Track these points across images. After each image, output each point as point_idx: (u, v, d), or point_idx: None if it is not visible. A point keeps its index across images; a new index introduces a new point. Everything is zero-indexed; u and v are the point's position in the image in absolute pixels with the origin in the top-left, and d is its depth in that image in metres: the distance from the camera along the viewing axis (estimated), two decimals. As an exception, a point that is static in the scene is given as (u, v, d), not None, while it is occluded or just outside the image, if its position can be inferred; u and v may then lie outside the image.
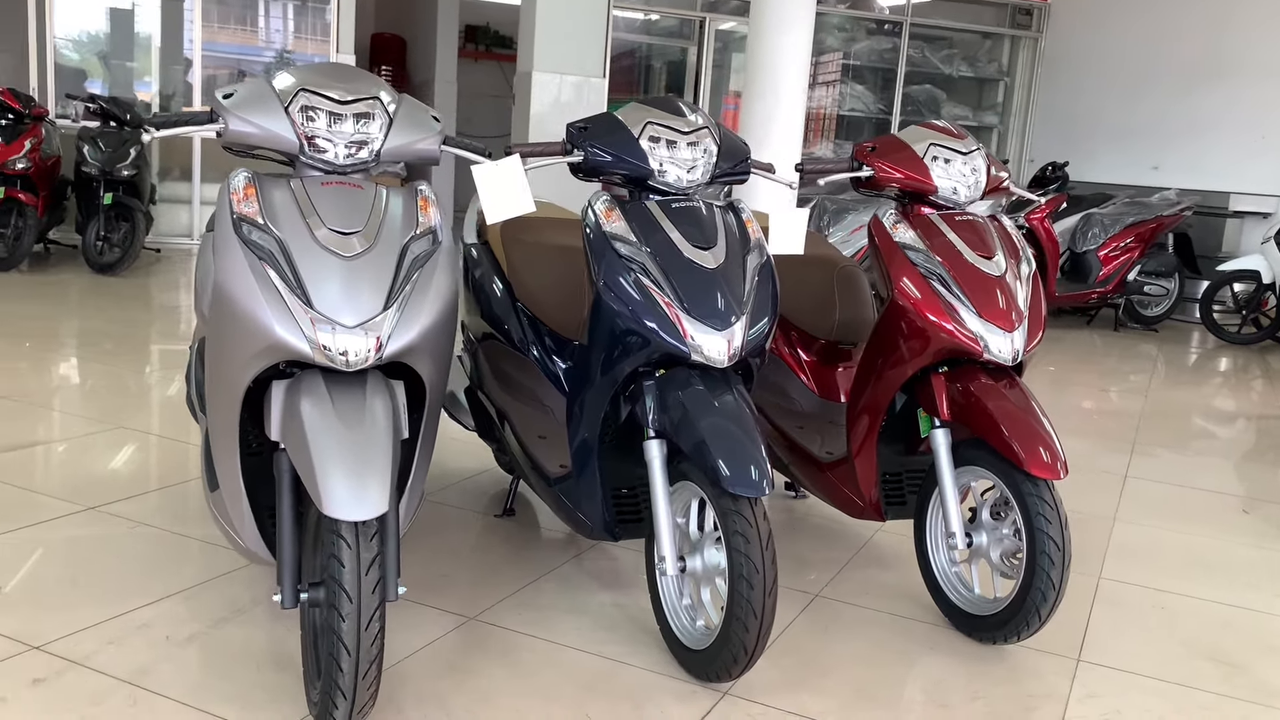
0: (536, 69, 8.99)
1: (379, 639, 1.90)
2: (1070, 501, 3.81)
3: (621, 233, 2.38)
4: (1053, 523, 2.45)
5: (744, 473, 2.18)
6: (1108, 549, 3.38)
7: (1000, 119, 10.85)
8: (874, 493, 2.83)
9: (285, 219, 2.06)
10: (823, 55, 10.38)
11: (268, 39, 10.13)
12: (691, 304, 2.31)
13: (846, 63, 10.38)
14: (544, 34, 8.99)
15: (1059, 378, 6.22)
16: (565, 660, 2.41)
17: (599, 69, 9.24)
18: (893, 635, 2.66)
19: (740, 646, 2.20)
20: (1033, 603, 2.47)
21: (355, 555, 1.89)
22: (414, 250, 2.12)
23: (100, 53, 10.62)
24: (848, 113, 10.37)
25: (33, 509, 3.03)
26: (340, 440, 1.93)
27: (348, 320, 1.99)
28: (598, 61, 9.24)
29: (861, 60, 10.38)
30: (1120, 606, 2.95)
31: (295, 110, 2.15)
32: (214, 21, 9.60)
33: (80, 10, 9.36)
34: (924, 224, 2.71)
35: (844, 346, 3.22)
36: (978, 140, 2.87)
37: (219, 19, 9.78)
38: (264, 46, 10.08)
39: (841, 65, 10.37)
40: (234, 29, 10.14)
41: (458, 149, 2.38)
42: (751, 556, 2.17)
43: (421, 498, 2.43)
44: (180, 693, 2.14)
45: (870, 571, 3.05)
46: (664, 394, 2.34)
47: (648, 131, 2.45)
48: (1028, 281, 2.70)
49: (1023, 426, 2.49)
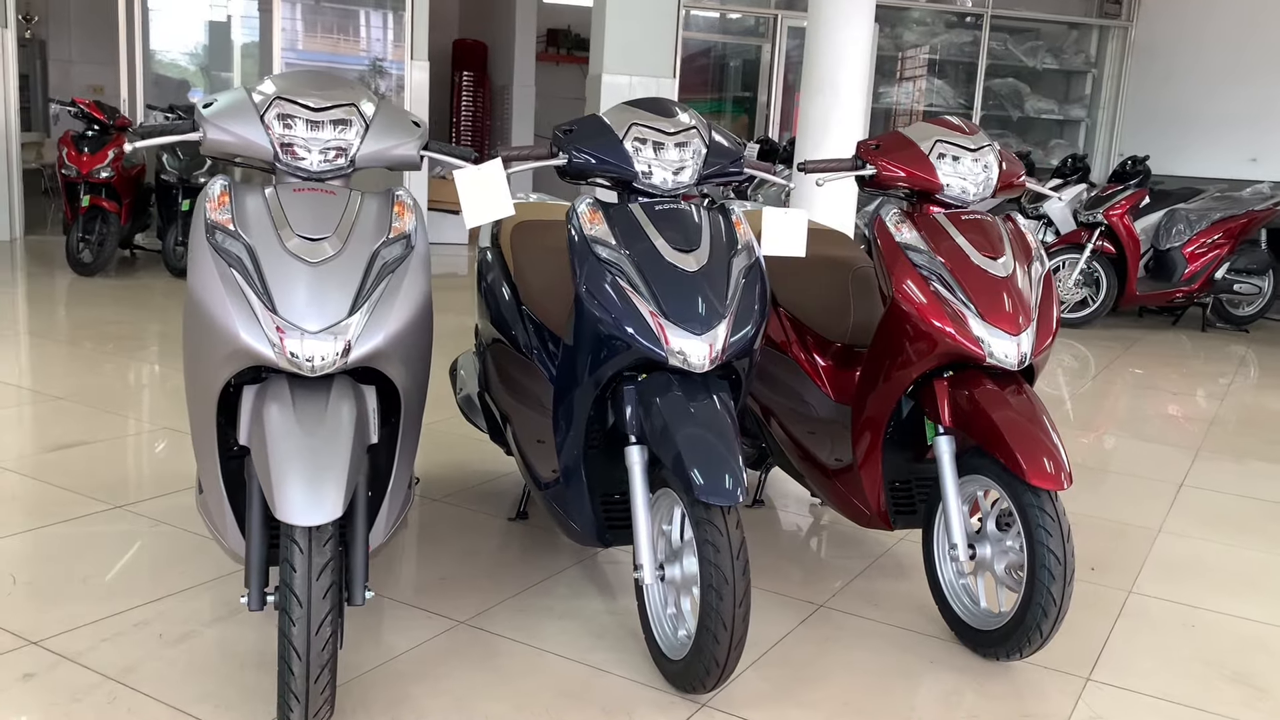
0: (606, 71, 9.01)
1: (330, 644, 1.91)
2: (1115, 510, 3.66)
3: (603, 236, 2.35)
4: (1054, 535, 2.35)
5: (717, 481, 2.14)
6: (1145, 561, 3.23)
7: (1087, 112, 10.49)
8: (880, 501, 2.75)
9: (255, 225, 2.09)
10: (902, 50, 10.17)
11: (366, 47, 10.31)
12: (670, 308, 2.27)
13: (927, 57, 10.16)
14: (614, 35, 9.00)
15: (1142, 381, 5.98)
16: (546, 667, 2.39)
17: (669, 69, 9.22)
18: (894, 649, 2.58)
19: (711, 659, 2.16)
20: (1033, 619, 2.37)
21: (307, 560, 1.90)
22: (385, 255, 2.13)
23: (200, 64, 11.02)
24: (927, 108, 10.14)
25: (64, 506, 3.13)
26: (299, 445, 1.94)
27: (311, 325, 2.00)
28: (668, 62, 9.21)
29: (941, 54, 10.14)
30: (1146, 622, 2.81)
31: (271, 118, 2.18)
32: (310, 31, 9.84)
33: (180, 23, 9.69)
34: (928, 224, 2.62)
35: (859, 350, 3.13)
36: (989, 136, 2.76)
37: (309, 29, 10.01)
38: (349, 54, 10.28)
39: (919, 60, 10.15)
40: (324, 37, 10.36)
41: (440, 154, 2.39)
42: (721, 567, 2.12)
43: (408, 502, 2.44)
44: (159, 691, 2.19)
45: (883, 582, 2.97)
46: (643, 399, 2.31)
47: (633, 133, 2.42)
48: (1039, 283, 2.59)
49: (1026, 435, 2.39)
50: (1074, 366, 6.34)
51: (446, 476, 3.60)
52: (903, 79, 10.32)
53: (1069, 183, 7.83)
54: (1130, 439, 4.69)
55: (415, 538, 3.08)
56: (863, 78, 6.14)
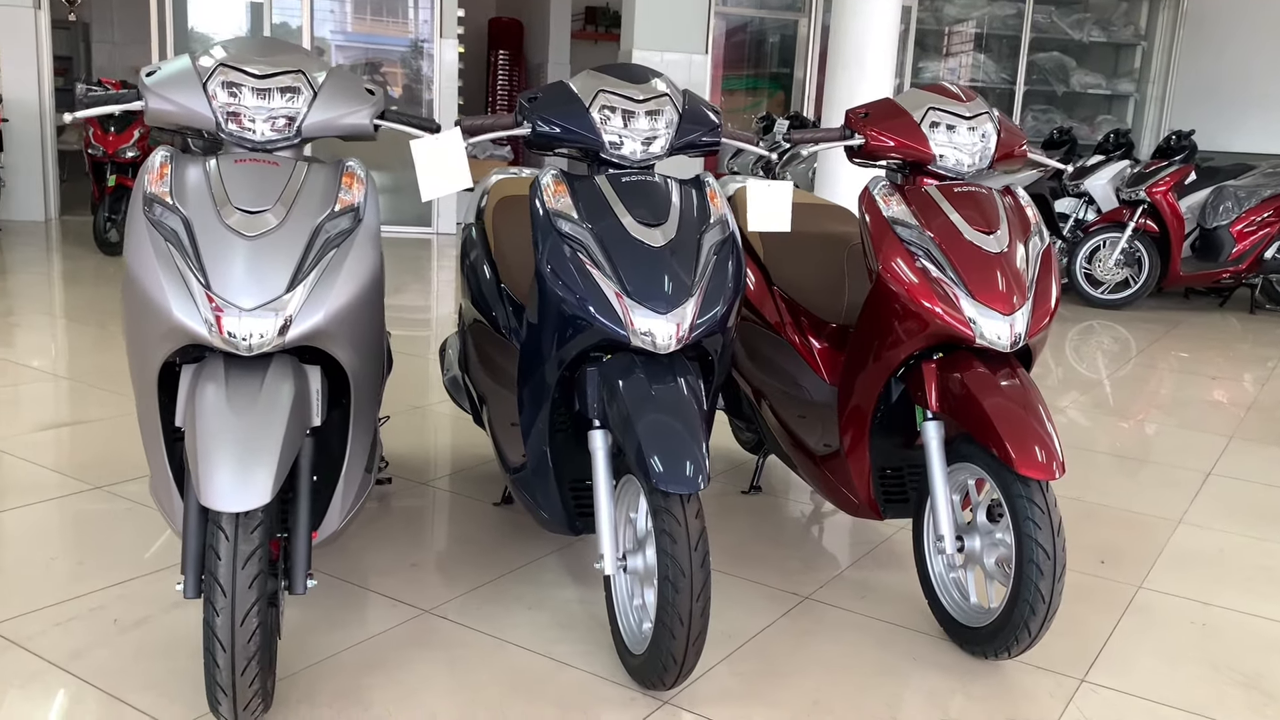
0: (637, 47, 8.87)
1: (258, 635, 1.82)
2: (1135, 499, 3.48)
3: (565, 209, 2.23)
4: (1043, 528, 2.20)
5: (677, 469, 2.02)
6: (1160, 554, 3.06)
7: (1136, 86, 10.15)
8: (869, 489, 2.61)
9: (194, 198, 2.00)
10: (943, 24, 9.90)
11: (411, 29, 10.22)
12: (634, 286, 2.15)
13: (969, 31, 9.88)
14: (645, 11, 8.86)
15: (1182, 364, 5.75)
16: (505, 659, 2.29)
17: (702, 45, 9.06)
18: (876, 645, 2.45)
19: (669, 655, 2.05)
20: (1021, 616, 2.23)
21: (232, 548, 1.81)
22: (329, 229, 2.04)
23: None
24: (968, 83, 9.86)
25: (45, 486, 3.09)
26: (228, 428, 1.86)
27: (245, 302, 1.92)
28: (700, 38, 9.05)
29: (984, 28, 9.86)
30: (1153, 619, 2.65)
31: (214, 86, 2.09)
32: (347, 12, 9.78)
33: (219, 5, 9.65)
34: (919, 197, 2.47)
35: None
36: (988, 103, 2.60)
37: (345, 9, 9.96)
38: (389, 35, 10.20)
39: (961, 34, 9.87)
40: (361, 19, 10.29)
41: (397, 124, 2.29)
42: (678, 558, 2.00)
43: (366, 487, 2.36)
44: (102, 679, 2.12)
45: (875, 573, 2.83)
46: (606, 381, 2.20)
47: (600, 101, 2.30)
48: (1036, 259, 2.43)
49: (1016, 421, 2.24)
50: (1113, 349, 6.11)
51: (437, 459, 3.51)
52: (944, 54, 10.04)
53: (1111, 159, 7.56)
54: (1162, 424, 4.49)
55: (393, 522, 2.99)
56: (889, 52, 5.96)
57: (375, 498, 3.15)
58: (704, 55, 9.03)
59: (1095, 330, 6.65)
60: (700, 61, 9.03)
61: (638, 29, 8.87)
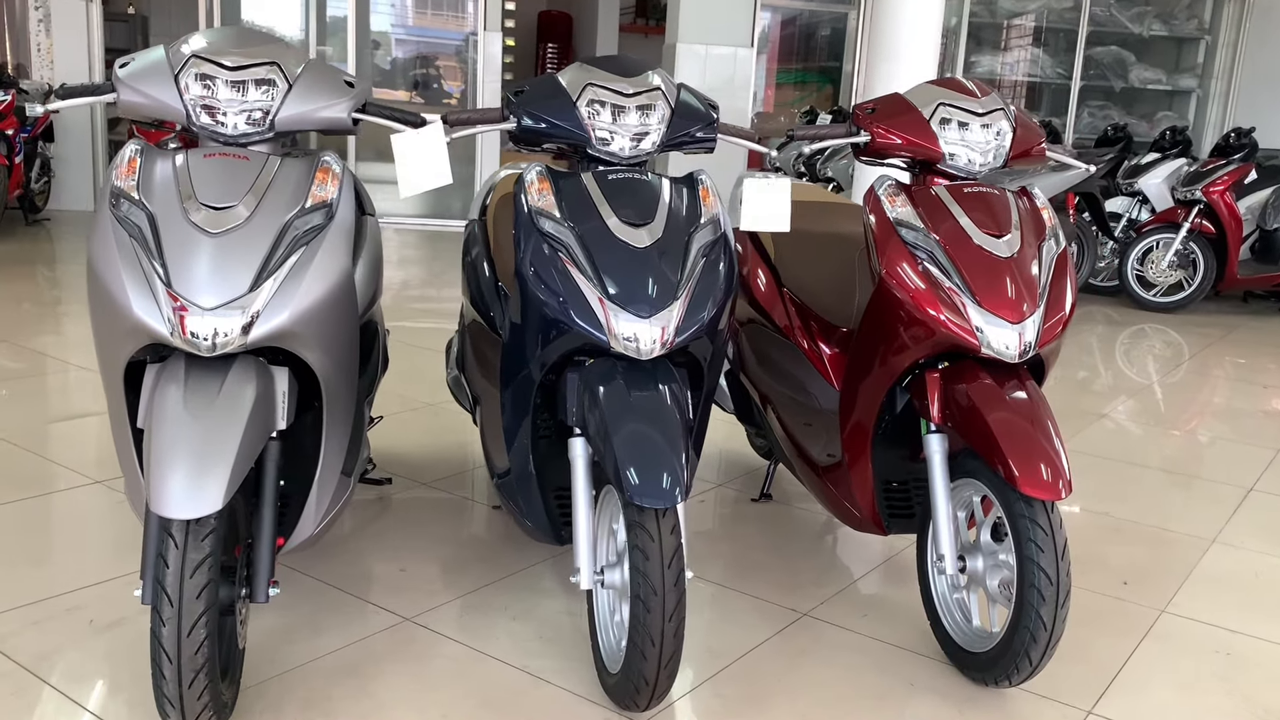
0: (681, 40, 8.75)
1: (206, 646, 1.76)
2: (1168, 516, 3.32)
3: (548, 208, 2.15)
4: (1046, 551, 2.07)
5: (653, 481, 1.92)
6: (1189, 576, 2.90)
7: (1199, 82, 9.81)
8: (872, 502, 2.50)
9: (160, 194, 1.95)
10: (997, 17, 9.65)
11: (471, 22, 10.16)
12: (615, 288, 2.06)
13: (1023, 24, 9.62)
14: (690, 3, 8.73)
15: (1234, 372, 5.52)
16: (481, 672, 2.22)
17: (747, 38, 8.91)
18: (873, 667, 2.34)
19: (640, 676, 1.95)
20: (1021, 644, 2.10)
21: (181, 556, 1.75)
22: (299, 226, 1.97)
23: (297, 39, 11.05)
24: (1022, 79, 9.61)
25: (48, 479, 3.08)
26: (182, 432, 1.80)
27: (206, 301, 1.86)
28: (746, 30, 8.91)
29: (1039, 21, 9.59)
30: (1173, 646, 2.50)
31: (187, 78, 2.04)
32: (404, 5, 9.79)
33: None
34: (926, 198, 2.34)
35: (867, 335, 2.87)
36: (1004, 99, 2.47)
37: (416, 4, 9.96)
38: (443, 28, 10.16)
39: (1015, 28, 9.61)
40: (429, 14, 10.28)
41: (379, 117, 2.22)
42: (650, 576, 1.91)
43: (345, 492, 2.30)
44: (67, 683, 2.08)
45: (882, 590, 2.71)
46: (588, 387, 2.11)
47: (588, 95, 2.21)
48: (1050, 264, 2.30)
49: (1020, 437, 2.11)
50: (1164, 354, 5.90)
51: (442, 459, 3.45)
52: (997, 48, 9.79)
53: (1167, 157, 7.29)
54: (1208, 435, 4.30)
55: (388, 524, 2.93)
56: (930, 45, 5.79)
57: (375, 498, 3.10)
58: (749, 49, 8.89)
59: (1146, 334, 6.43)
60: (745, 55, 8.88)
61: (682, 22, 8.75)
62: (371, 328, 2.88)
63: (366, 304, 2.78)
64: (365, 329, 2.83)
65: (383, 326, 2.99)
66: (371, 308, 2.82)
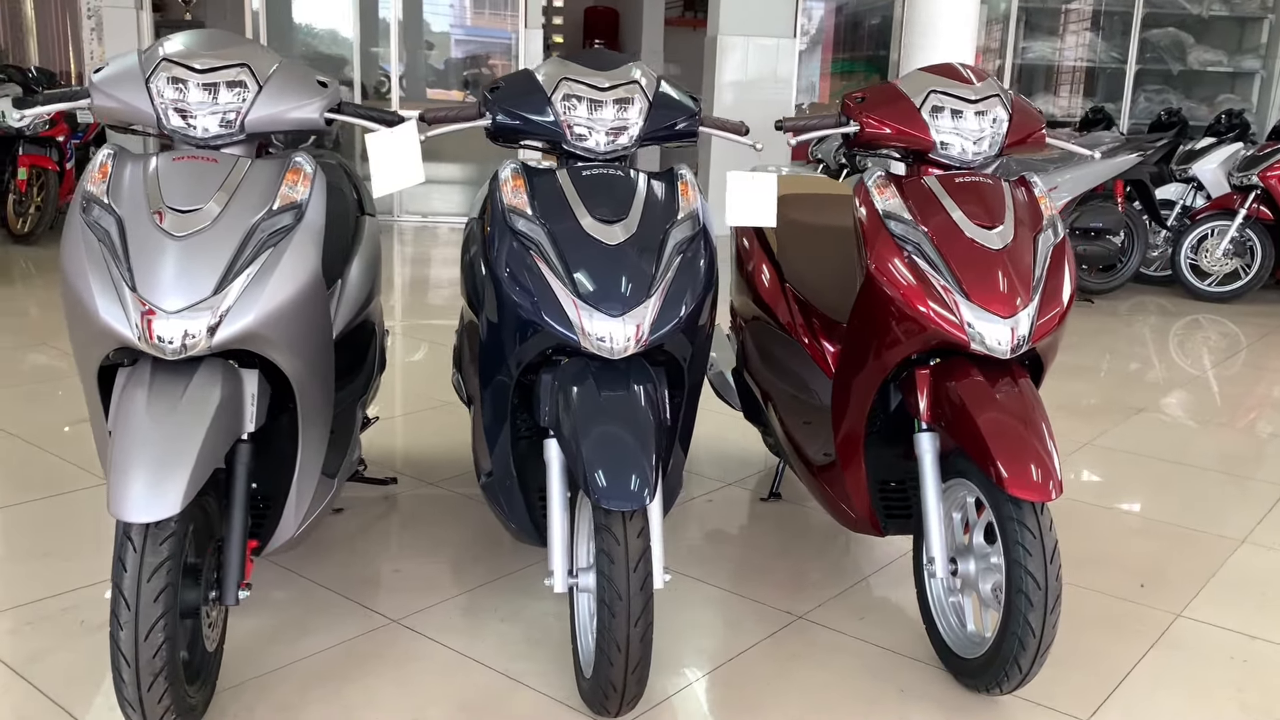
0: (722, 32, 8.67)
1: (164, 650, 1.76)
2: (1196, 515, 3.19)
3: (521, 206, 2.11)
4: (1034, 555, 1.99)
5: (621, 483, 1.89)
6: (1212, 578, 2.78)
7: (1263, 63, 9.46)
8: (867, 503, 2.43)
9: (128, 198, 1.96)
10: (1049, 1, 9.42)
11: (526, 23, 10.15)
12: (586, 287, 2.02)
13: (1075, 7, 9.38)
14: (731, -7, 8.63)
15: None
16: (462, 676, 2.20)
17: (789, 29, 8.80)
18: (865, 672, 2.27)
19: (608, 682, 1.92)
20: (1009, 651, 2.03)
21: (139, 559, 1.76)
22: (266, 228, 1.96)
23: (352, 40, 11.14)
24: (1075, 63, 9.37)
25: (62, 480, 3.13)
26: (142, 436, 1.80)
27: (170, 304, 1.85)
28: (788, 21, 8.80)
29: (1093, 4, 9.34)
30: (1185, 652, 2.40)
31: (158, 82, 2.04)
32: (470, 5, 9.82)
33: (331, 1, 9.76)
34: (916, 189, 2.27)
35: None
36: (999, 84, 2.38)
37: (474, 3, 9.99)
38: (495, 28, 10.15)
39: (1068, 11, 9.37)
40: (486, 13, 10.31)
41: (353, 117, 2.21)
42: (615, 580, 1.87)
43: (327, 493, 2.30)
44: (53, 685, 2.10)
45: (884, 592, 2.64)
46: (561, 387, 2.07)
47: (563, 90, 2.18)
48: (1046, 256, 2.21)
49: (1009, 436, 2.04)
50: (1219, 345, 5.70)
51: (451, 459, 3.44)
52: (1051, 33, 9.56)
53: (1223, 141, 7.05)
54: (1256, 431, 4.13)
55: (389, 524, 2.93)
56: (967, 33, 5.65)
57: (380, 497, 3.10)
58: (791, 39, 8.78)
59: (1200, 325, 6.22)
60: (788, 46, 8.77)
61: (723, 13, 8.67)
62: (368, 327, 2.88)
63: (362, 303, 2.79)
64: (361, 329, 2.83)
65: (381, 326, 2.99)
66: (368, 307, 2.82)
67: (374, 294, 2.86)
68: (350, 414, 2.64)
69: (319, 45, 9.91)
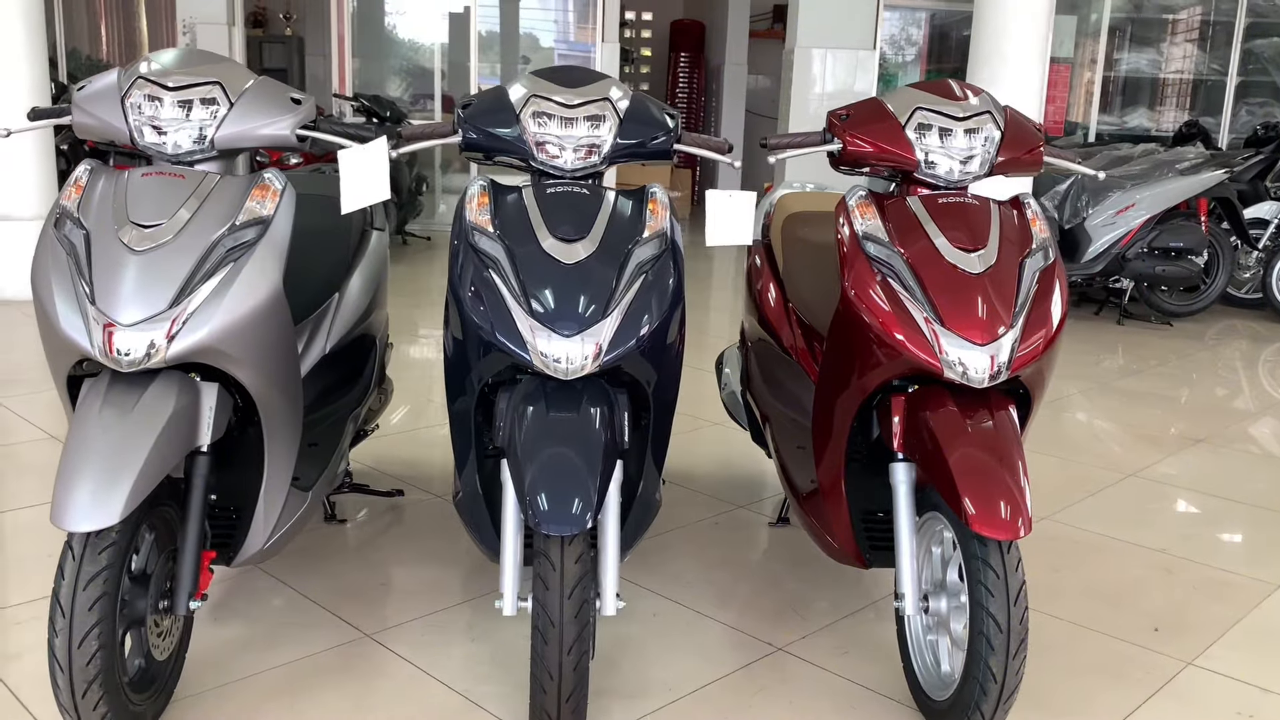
0: (800, 44, 8.57)
1: (99, 658, 1.79)
2: (1234, 557, 3.01)
3: (483, 224, 2.10)
4: (996, 596, 1.89)
5: (562, 508, 1.85)
6: (1235, 625, 2.61)
7: (1376, 75, 8.97)
8: (849, 533, 2.34)
9: (96, 213, 2.00)
10: (1141, 11, 9.08)
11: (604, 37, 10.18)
12: (542, 305, 1.99)
13: (1173, 18, 9.02)
14: (809, 5, 8.54)
15: (1359, 393, 5.01)
16: (421, 695, 2.18)
17: (869, 41, 8.66)
18: (833, 711, 2.19)
19: (542, 710, 1.88)
20: (970, 696, 1.93)
21: (76, 568, 1.79)
22: (227, 243, 1.99)
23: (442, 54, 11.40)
24: (1171, 75, 9.00)
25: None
26: (91, 446, 1.83)
27: (126, 317, 1.89)
28: (868, 32, 8.65)
29: (1190, 14, 8.97)
30: (1188, 705, 2.25)
31: (133, 99, 2.09)
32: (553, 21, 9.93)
33: (424, 15, 9.99)
34: (897, 210, 2.19)
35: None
36: (994, 101, 2.28)
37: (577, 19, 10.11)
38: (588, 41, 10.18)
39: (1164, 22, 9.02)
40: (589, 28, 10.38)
41: (326, 134, 2.22)
42: (548, 606, 1.84)
43: (301, 506, 2.31)
44: (27, 689, 2.15)
45: (872, 626, 2.54)
46: (515, 408, 2.04)
47: (531, 107, 2.16)
48: (1033, 279, 2.10)
49: (978, 470, 1.94)
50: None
51: (465, 472, 3.44)
52: (1145, 44, 9.21)
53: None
54: None
55: (387, 538, 2.94)
56: (1038, 45, 5.47)
57: (387, 508, 3.12)
58: (870, 50, 8.63)
59: (1267, 356, 5.89)
60: (867, 58, 8.63)
61: (801, 25, 8.58)
62: (368, 341, 2.89)
63: (361, 316, 2.81)
64: (359, 341, 2.85)
65: (383, 340, 3.01)
66: (367, 319, 2.85)
67: (374, 307, 2.88)
68: (339, 427, 2.65)
69: (417, 59, 10.11)
